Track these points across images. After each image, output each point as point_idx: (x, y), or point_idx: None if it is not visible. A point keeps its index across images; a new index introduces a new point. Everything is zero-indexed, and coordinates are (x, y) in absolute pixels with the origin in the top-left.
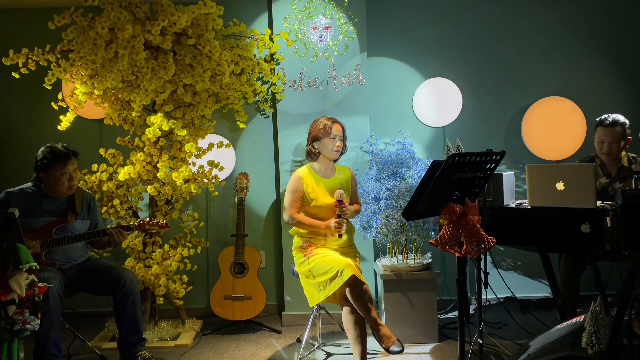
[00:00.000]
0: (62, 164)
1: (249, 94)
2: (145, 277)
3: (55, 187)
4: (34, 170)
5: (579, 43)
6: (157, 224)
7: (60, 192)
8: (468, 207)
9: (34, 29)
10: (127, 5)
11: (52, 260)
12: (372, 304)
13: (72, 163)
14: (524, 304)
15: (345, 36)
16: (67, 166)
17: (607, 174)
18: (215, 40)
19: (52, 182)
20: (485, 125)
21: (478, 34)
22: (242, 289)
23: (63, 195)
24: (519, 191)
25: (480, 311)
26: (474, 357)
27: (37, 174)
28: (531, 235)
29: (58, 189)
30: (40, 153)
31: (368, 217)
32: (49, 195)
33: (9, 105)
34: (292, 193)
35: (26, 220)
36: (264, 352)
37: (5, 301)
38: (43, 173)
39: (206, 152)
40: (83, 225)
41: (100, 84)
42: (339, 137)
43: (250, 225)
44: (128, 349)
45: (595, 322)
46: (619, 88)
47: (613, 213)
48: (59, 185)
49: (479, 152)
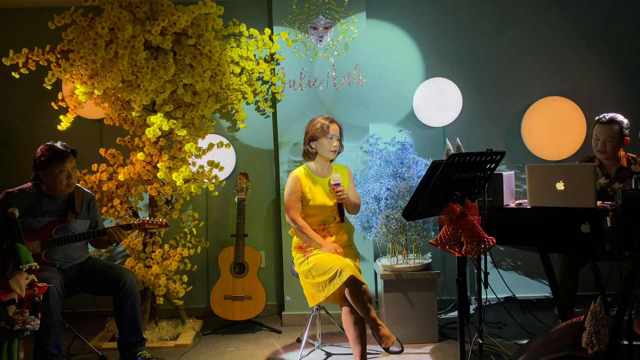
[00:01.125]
0: (60, 161)
1: (249, 94)
2: (145, 277)
3: (53, 185)
4: (33, 168)
5: (579, 43)
6: (156, 223)
7: (59, 190)
8: (468, 207)
9: (34, 29)
10: (127, 5)
11: (52, 260)
12: (372, 304)
13: (70, 161)
14: (524, 304)
15: (345, 36)
16: (65, 164)
17: (607, 175)
18: (215, 40)
19: (51, 179)
20: (485, 125)
21: (478, 33)
22: (242, 289)
23: (62, 193)
24: (519, 191)
25: (480, 311)
26: (474, 357)
27: (36, 172)
28: (531, 235)
29: (57, 187)
30: (39, 151)
31: (368, 217)
32: (49, 194)
33: (9, 105)
34: (291, 194)
35: (26, 220)
36: (264, 352)
37: (5, 301)
38: (41, 171)
39: (206, 152)
40: (83, 225)
41: (100, 84)
42: (337, 137)
43: (250, 225)
44: (128, 349)
45: (595, 322)
46: (619, 88)
47: (613, 213)
48: (57, 183)
49: (479, 152)
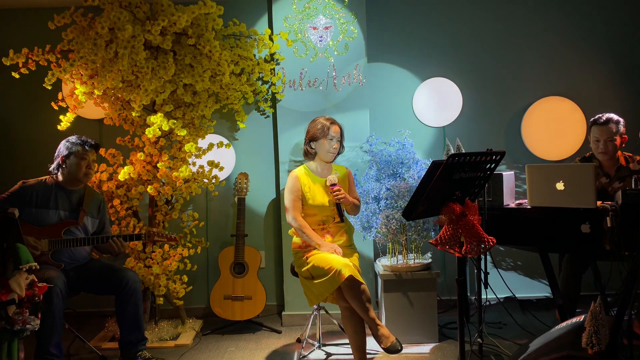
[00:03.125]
0: (85, 150)
1: (249, 94)
2: (146, 277)
3: (74, 172)
4: (55, 158)
5: (579, 43)
6: (166, 236)
7: (77, 178)
8: (468, 207)
9: (34, 29)
10: (127, 5)
11: (59, 261)
12: (370, 304)
13: (92, 153)
14: (524, 304)
15: (345, 36)
16: (89, 153)
17: (606, 174)
18: (215, 40)
19: (73, 166)
20: (485, 125)
21: (478, 33)
22: (242, 289)
23: (79, 183)
24: (519, 191)
25: (480, 311)
26: (474, 357)
27: (58, 160)
28: (531, 235)
29: (76, 175)
30: (65, 140)
31: (368, 217)
32: (64, 188)
33: (9, 105)
34: (291, 193)
35: (39, 210)
36: (264, 352)
37: (5, 301)
38: (65, 157)
39: (206, 152)
40: (93, 225)
41: (100, 84)
42: (337, 138)
43: (250, 225)
44: (129, 348)
45: (595, 322)
46: (619, 88)
47: (613, 213)
48: (77, 170)
49: (479, 152)
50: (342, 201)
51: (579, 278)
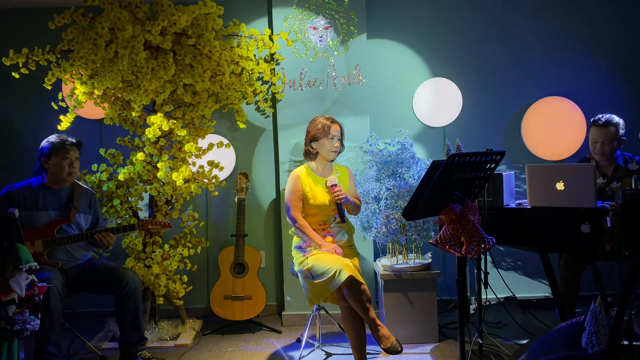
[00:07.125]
0: (65, 149)
1: (249, 94)
2: (146, 277)
3: (57, 172)
4: (38, 159)
5: (579, 43)
6: (159, 223)
7: (61, 178)
8: (468, 207)
9: (34, 29)
10: (127, 5)
11: (55, 260)
12: (371, 304)
13: (74, 151)
14: (524, 304)
15: (345, 36)
16: (70, 152)
17: (604, 175)
18: (215, 40)
19: (55, 167)
20: (485, 125)
21: (478, 34)
22: (242, 289)
23: (64, 182)
24: (519, 191)
25: (480, 311)
26: (474, 357)
27: (41, 161)
28: (531, 235)
29: (59, 175)
30: (45, 140)
31: (368, 217)
32: (50, 188)
33: (9, 105)
34: (292, 193)
35: (28, 213)
36: (264, 352)
37: (5, 301)
38: (47, 158)
39: (206, 152)
40: (86, 221)
41: (100, 84)
42: (337, 137)
43: (250, 225)
44: (129, 348)
45: (595, 322)
46: (619, 88)
47: (613, 213)
48: (60, 170)
49: (478, 152)
50: (342, 201)
51: (578, 278)
